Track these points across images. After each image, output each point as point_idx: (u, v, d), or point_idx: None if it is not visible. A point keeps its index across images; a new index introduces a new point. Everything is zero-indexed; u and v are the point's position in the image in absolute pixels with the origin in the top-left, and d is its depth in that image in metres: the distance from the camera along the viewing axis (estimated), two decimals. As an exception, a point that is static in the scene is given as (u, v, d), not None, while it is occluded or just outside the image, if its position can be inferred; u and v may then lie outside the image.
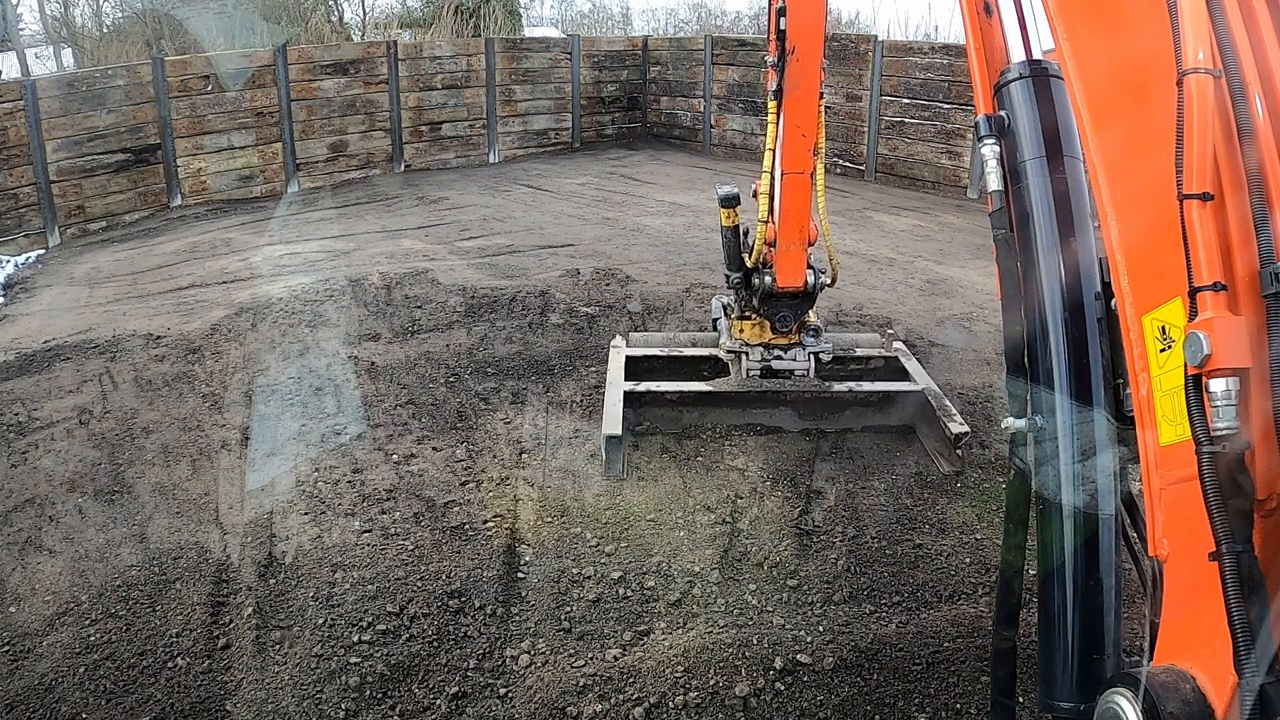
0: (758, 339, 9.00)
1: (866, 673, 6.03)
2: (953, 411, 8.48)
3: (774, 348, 8.99)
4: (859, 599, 6.71)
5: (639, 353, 9.63)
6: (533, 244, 14.77)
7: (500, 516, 7.49)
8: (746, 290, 8.89)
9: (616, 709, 5.72)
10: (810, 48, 7.86)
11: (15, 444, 8.66)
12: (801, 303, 8.76)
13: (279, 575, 6.83)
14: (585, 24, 37.78)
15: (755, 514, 7.52)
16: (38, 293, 13.55)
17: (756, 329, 9.00)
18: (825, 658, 6.07)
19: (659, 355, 9.63)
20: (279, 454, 8.36)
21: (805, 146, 8.21)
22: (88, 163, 16.89)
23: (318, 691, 5.81)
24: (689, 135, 24.44)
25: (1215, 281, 2.59)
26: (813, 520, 7.49)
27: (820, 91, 8.11)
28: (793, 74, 7.99)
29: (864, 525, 7.44)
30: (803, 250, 8.43)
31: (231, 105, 18.66)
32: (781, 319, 8.78)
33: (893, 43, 20.63)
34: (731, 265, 8.90)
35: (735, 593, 6.74)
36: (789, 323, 8.80)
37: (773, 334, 8.93)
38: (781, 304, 8.73)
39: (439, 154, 21.88)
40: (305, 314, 11.25)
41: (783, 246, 8.38)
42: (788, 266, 8.45)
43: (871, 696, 5.89)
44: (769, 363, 8.99)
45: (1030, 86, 3.94)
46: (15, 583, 6.88)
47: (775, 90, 8.18)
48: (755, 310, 8.92)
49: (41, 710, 5.77)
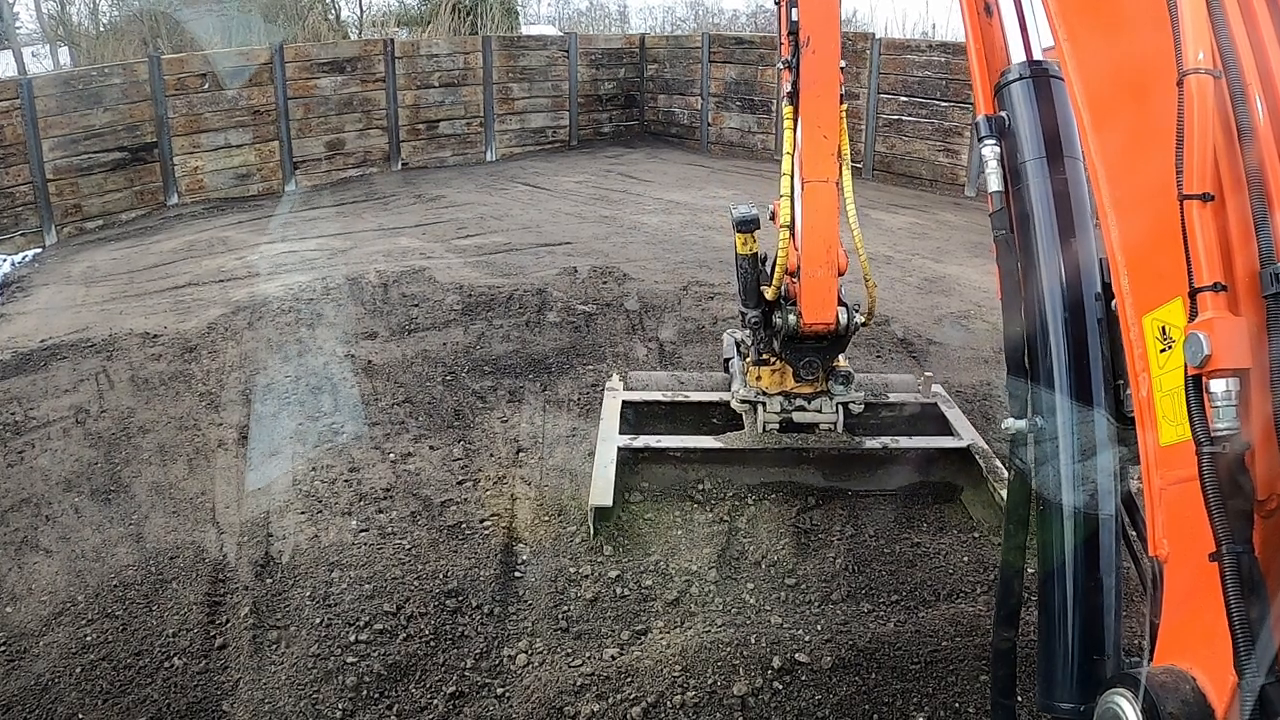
0: (777, 387, 7.80)
1: (865, 672, 6.01)
2: (1002, 473, 7.35)
3: (796, 397, 7.79)
4: (857, 598, 6.69)
5: (638, 397, 8.53)
6: (530, 242, 14.77)
7: (497, 515, 7.47)
8: (766, 330, 7.67)
9: (614, 708, 5.69)
10: (826, 36, 7.05)
11: (11, 443, 8.65)
12: (830, 346, 7.58)
13: (276, 575, 6.82)
14: (582, 22, 37.76)
15: (753, 513, 7.50)
16: (34, 291, 13.53)
17: (776, 375, 7.78)
18: (823, 657, 6.05)
19: (661, 401, 8.51)
20: (276, 453, 8.35)
21: (828, 150, 7.20)
22: (84, 161, 16.87)
23: (315, 691, 5.79)
24: (686, 133, 24.46)
25: (1215, 282, 2.58)
26: (811, 519, 7.47)
27: (841, 91, 7.19)
28: (809, 67, 7.08)
29: (862, 524, 7.42)
30: (832, 278, 7.25)
31: (229, 104, 18.66)
32: (806, 365, 7.60)
33: (890, 40, 20.68)
34: (749, 300, 7.68)
35: (733, 592, 6.72)
36: (815, 369, 7.62)
37: (795, 381, 7.73)
38: (807, 347, 7.54)
39: (436, 152, 21.87)
40: (302, 312, 11.24)
41: (807, 273, 7.21)
42: (814, 299, 7.24)
43: (870, 695, 5.87)
44: (790, 414, 7.83)
45: (1031, 87, 3.94)
46: (11, 583, 6.86)
47: (790, 92, 7.23)
48: (775, 353, 7.71)
49: (38, 710, 5.74)
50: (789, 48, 7.23)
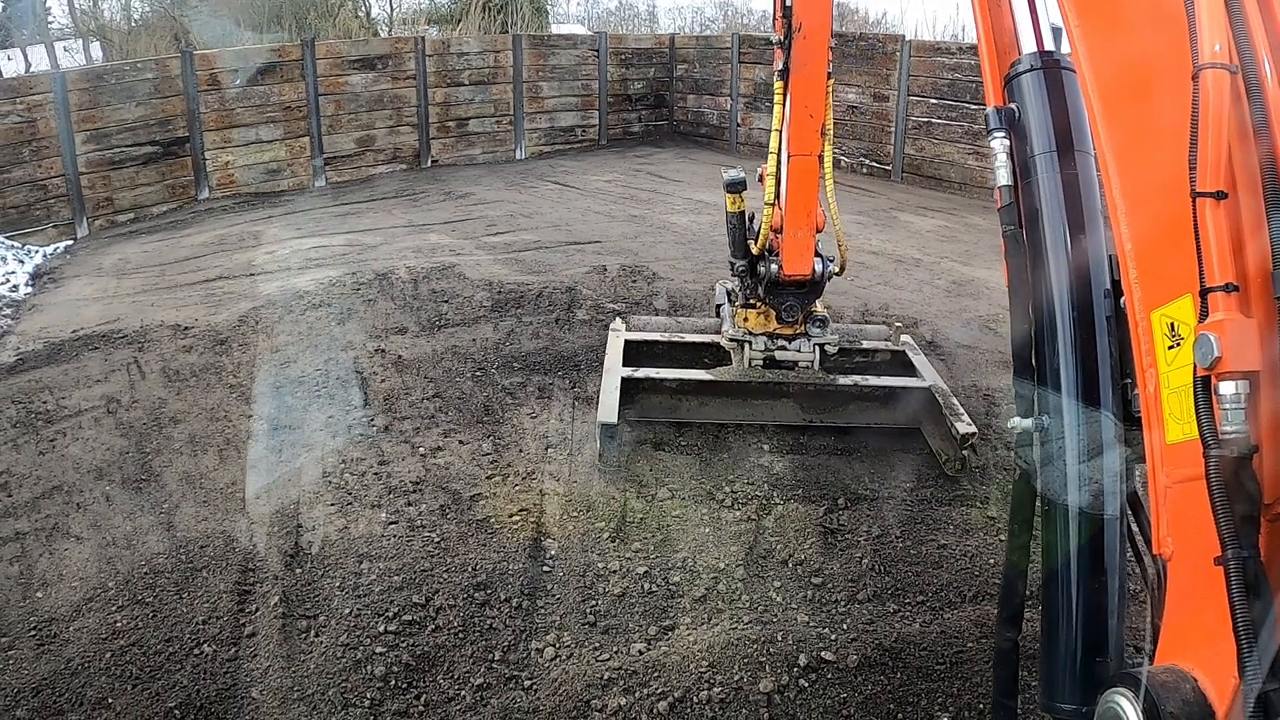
0: (762, 328, 8.77)
1: (890, 671, 6.01)
2: (960, 411, 8.29)
3: (778, 338, 8.76)
4: (883, 598, 6.69)
5: (638, 337, 9.48)
6: (559, 240, 14.80)
7: (526, 510, 7.50)
8: (752, 278, 8.72)
9: (641, 703, 5.72)
10: (818, 24, 7.73)
11: (43, 431, 8.72)
12: (808, 292, 8.57)
13: (305, 565, 6.85)
14: (611, 21, 37.78)
15: (780, 512, 7.51)
16: (66, 283, 13.64)
17: (761, 318, 8.77)
18: (849, 655, 6.06)
19: (659, 340, 9.46)
20: (306, 445, 8.39)
21: (813, 127, 7.98)
22: (116, 155, 17.00)
23: (344, 680, 5.84)
24: (715, 134, 24.45)
25: (1227, 283, 2.56)
26: (838, 519, 7.47)
27: (828, 72, 7.91)
28: (799, 51, 7.79)
29: (889, 525, 7.42)
30: (810, 237, 8.25)
31: (260, 99, 18.75)
32: (787, 308, 8.59)
33: (920, 43, 20.59)
34: (736, 252, 8.74)
35: (760, 590, 6.73)
36: (795, 312, 8.62)
37: (778, 324, 8.72)
38: (787, 293, 8.54)
39: (466, 149, 21.93)
40: (332, 307, 11.29)
41: (789, 232, 8.20)
42: (794, 254, 8.27)
43: (895, 695, 5.88)
44: (772, 353, 8.77)
45: (1042, 78, 3.90)
46: (43, 568, 6.93)
47: (781, 70, 8.00)
48: (760, 299, 8.70)
49: (68, 694, 5.80)
50: (782, 28, 7.98)
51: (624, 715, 5.68)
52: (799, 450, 8.40)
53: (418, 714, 5.72)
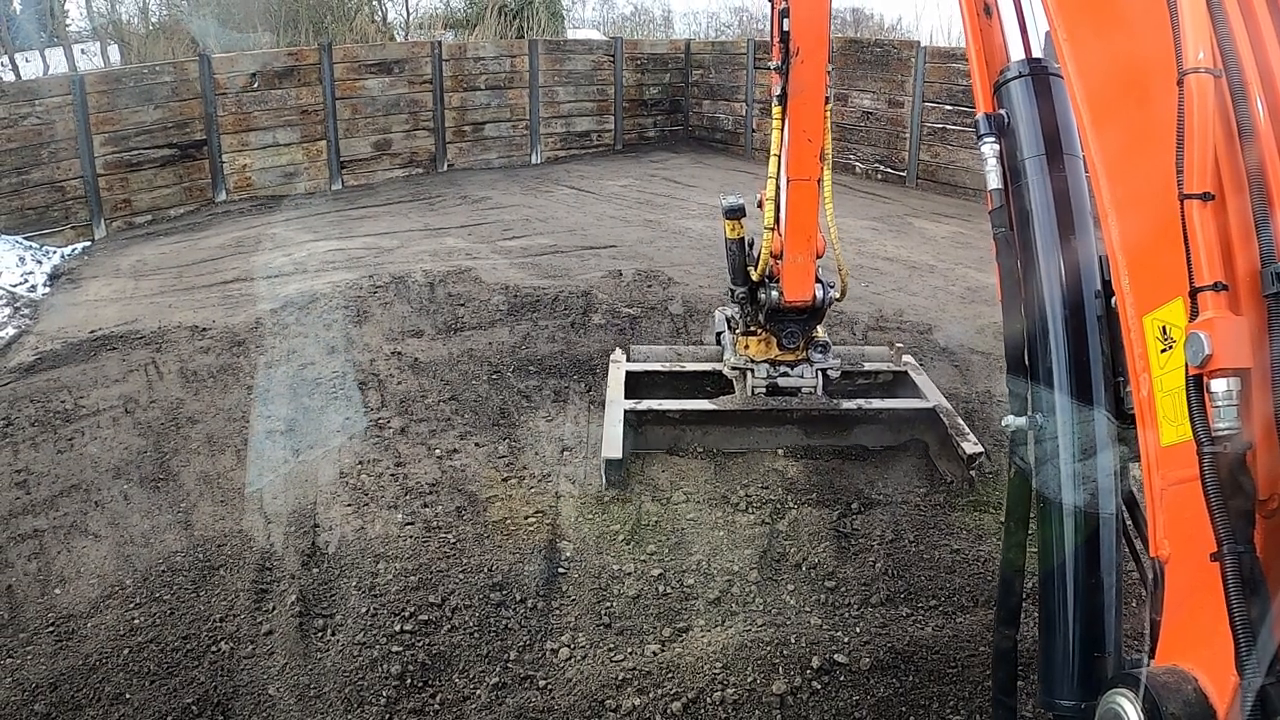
0: (763, 355, 8.71)
1: (903, 674, 6.02)
2: (965, 430, 8.24)
3: (780, 364, 8.70)
4: (896, 602, 6.70)
5: (639, 368, 9.38)
6: (575, 244, 14.85)
7: (541, 513, 7.53)
8: (752, 305, 8.65)
9: (655, 703, 5.74)
10: (815, 49, 7.71)
11: (62, 430, 8.79)
12: (809, 318, 8.53)
13: (322, 564, 6.90)
14: (627, 26, 37.81)
15: (794, 516, 7.53)
16: (84, 284, 13.73)
17: (762, 345, 8.72)
18: (862, 658, 6.07)
19: (660, 370, 9.39)
20: (322, 446, 8.44)
21: (811, 152, 7.97)
22: (134, 157, 17.11)
23: (360, 679, 5.87)
24: (730, 139, 24.49)
25: (1216, 281, 2.59)
26: (851, 524, 7.49)
27: (827, 96, 7.90)
28: (797, 76, 7.77)
29: (902, 530, 7.44)
30: (810, 262, 8.22)
31: (277, 103, 18.84)
32: (789, 335, 8.56)
33: (935, 49, 20.56)
34: (736, 279, 8.67)
35: (774, 593, 6.75)
36: (796, 339, 8.58)
37: (779, 350, 8.67)
38: (788, 320, 8.50)
39: (481, 154, 22.02)
40: (349, 309, 11.35)
41: (789, 258, 8.18)
42: (795, 280, 8.24)
43: (907, 698, 5.88)
44: (775, 380, 8.70)
45: (1030, 85, 3.95)
46: (61, 565, 6.98)
47: (779, 95, 7.95)
48: (761, 325, 8.65)
49: (86, 690, 5.84)
50: (779, 53, 7.89)
51: (638, 715, 5.70)
52: (812, 455, 8.42)
53: (433, 713, 5.74)
